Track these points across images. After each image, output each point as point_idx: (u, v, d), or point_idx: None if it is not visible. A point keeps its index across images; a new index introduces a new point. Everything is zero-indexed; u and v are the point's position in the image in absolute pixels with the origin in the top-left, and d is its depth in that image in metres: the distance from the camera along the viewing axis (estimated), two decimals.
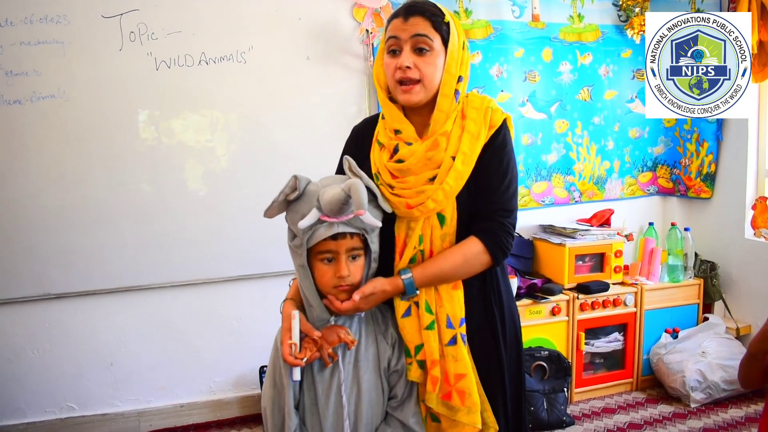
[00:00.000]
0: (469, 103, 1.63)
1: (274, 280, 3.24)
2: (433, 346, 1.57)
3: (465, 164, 1.56)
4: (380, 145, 1.65)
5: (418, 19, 1.54)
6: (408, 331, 1.59)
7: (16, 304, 3.02)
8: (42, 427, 3.11)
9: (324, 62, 3.20)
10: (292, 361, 1.46)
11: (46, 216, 2.97)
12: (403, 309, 1.60)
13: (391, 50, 1.58)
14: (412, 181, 1.57)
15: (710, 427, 3.09)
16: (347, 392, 1.54)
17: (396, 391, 1.61)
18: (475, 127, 1.58)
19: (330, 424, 1.53)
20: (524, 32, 3.51)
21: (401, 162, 1.58)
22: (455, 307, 1.60)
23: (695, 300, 3.60)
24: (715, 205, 3.74)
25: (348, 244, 1.50)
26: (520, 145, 3.57)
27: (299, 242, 1.49)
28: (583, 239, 3.42)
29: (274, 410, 1.53)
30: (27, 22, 2.84)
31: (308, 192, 1.49)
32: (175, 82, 3.04)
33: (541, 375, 3.20)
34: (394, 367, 1.61)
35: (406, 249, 1.61)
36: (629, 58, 3.72)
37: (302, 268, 1.51)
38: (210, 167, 3.14)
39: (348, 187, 1.41)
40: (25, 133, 2.91)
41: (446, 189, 1.55)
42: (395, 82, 1.57)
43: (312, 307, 1.54)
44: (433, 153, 1.56)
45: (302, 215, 1.45)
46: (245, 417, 3.34)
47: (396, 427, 1.59)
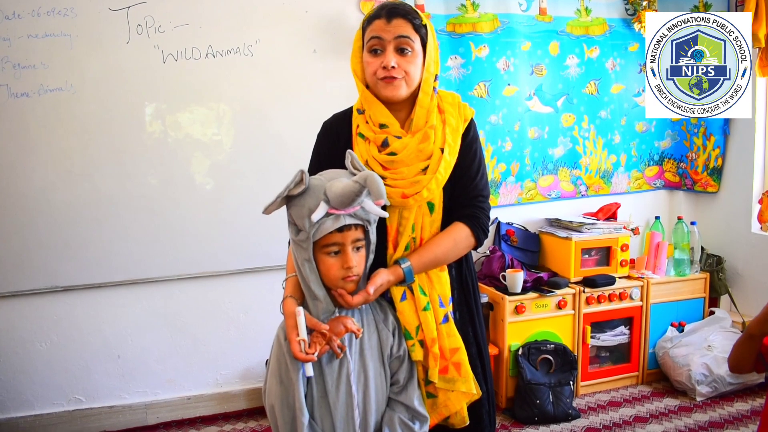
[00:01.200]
0: (442, 99, 1.75)
1: (280, 273, 3.19)
2: (431, 325, 1.67)
3: (451, 155, 1.70)
4: (364, 138, 1.72)
5: (400, 21, 1.64)
6: (407, 313, 1.67)
7: (24, 296, 3.03)
8: (50, 419, 3.13)
9: (331, 55, 3.19)
10: (303, 358, 1.46)
11: (54, 209, 2.97)
12: (399, 294, 1.68)
13: (374, 50, 1.66)
14: (406, 171, 1.66)
15: (716, 420, 3.09)
16: (356, 382, 1.56)
17: (398, 377, 1.66)
18: (454, 121, 1.72)
19: (340, 415, 1.54)
20: (531, 26, 3.50)
21: (393, 154, 1.67)
22: (444, 287, 1.73)
23: (701, 294, 3.60)
24: (721, 199, 3.74)
25: (353, 235, 1.53)
26: (527, 139, 3.57)
27: (305, 236, 1.49)
28: (590, 233, 3.42)
29: (282, 407, 1.52)
30: (34, 14, 2.84)
31: (313, 186, 1.50)
32: (182, 75, 3.04)
33: (547, 368, 3.21)
34: (396, 353, 1.65)
35: (401, 237, 1.70)
36: (636, 52, 3.71)
37: (308, 262, 1.52)
38: (217, 160, 3.14)
39: (364, 179, 1.43)
40: (32, 126, 2.91)
41: (438, 178, 1.67)
42: (378, 78, 1.66)
43: (317, 301, 1.55)
44: (424, 145, 1.67)
45: (309, 209, 1.46)
46: (252, 409, 3.35)
47: (401, 410, 1.62)
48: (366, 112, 1.73)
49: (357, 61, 1.74)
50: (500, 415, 3.23)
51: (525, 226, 3.65)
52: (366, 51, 1.68)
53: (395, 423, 1.60)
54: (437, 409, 1.70)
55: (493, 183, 3.52)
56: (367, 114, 1.72)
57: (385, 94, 1.67)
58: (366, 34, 1.68)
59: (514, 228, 3.58)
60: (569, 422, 3.13)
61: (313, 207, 1.46)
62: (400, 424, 1.60)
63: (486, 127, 3.47)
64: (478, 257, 3.57)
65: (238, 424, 3.23)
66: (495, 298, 3.29)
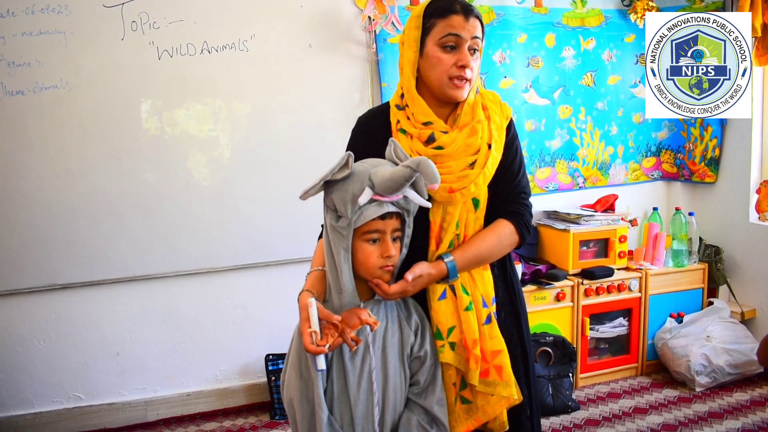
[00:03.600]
0: (484, 97, 1.72)
1: (278, 268, 3.25)
2: (473, 326, 1.63)
3: (498, 151, 1.67)
4: (405, 134, 1.67)
5: (476, 21, 1.61)
6: (443, 313, 1.64)
7: (22, 295, 3.03)
8: (49, 417, 3.13)
9: (326, 50, 3.19)
10: (314, 350, 1.43)
11: (51, 207, 2.97)
12: (438, 293, 1.64)
13: (449, 45, 1.61)
14: (453, 166, 1.62)
15: (715, 410, 3.10)
16: (377, 379, 1.53)
17: (418, 378, 1.61)
18: (498, 118, 1.70)
19: (361, 412, 1.51)
20: (527, 17, 3.50)
21: (440, 148, 1.63)
22: (487, 287, 1.68)
23: (700, 284, 3.60)
24: (719, 190, 3.73)
25: (394, 224, 1.51)
26: (524, 131, 3.56)
27: (346, 223, 1.47)
28: (588, 225, 3.42)
29: (302, 401, 1.50)
30: (28, 12, 2.83)
31: (357, 171, 1.47)
32: (178, 72, 3.03)
33: (546, 360, 3.21)
34: (417, 353, 1.61)
35: (444, 234, 1.65)
36: (632, 43, 3.70)
37: (345, 250, 1.49)
38: (213, 156, 3.14)
39: (416, 163, 1.40)
40: (28, 124, 2.91)
41: (486, 174, 1.64)
42: (448, 77, 1.61)
43: (342, 294, 1.51)
44: (472, 140, 1.64)
45: (353, 194, 1.44)
46: (251, 405, 3.35)
47: (419, 413, 1.58)
48: (409, 108, 1.68)
49: (412, 52, 1.65)
50: None
51: None
52: (438, 46, 1.61)
53: (413, 426, 1.56)
54: (474, 414, 1.65)
55: None
56: (409, 111, 1.68)
57: (454, 95, 1.63)
58: (438, 28, 1.61)
59: None
60: (569, 414, 3.13)
61: (357, 192, 1.44)
62: (417, 426, 1.56)
63: None
64: None
65: (237, 419, 3.24)
66: None
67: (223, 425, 3.18)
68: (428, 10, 1.63)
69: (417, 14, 1.64)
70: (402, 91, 1.69)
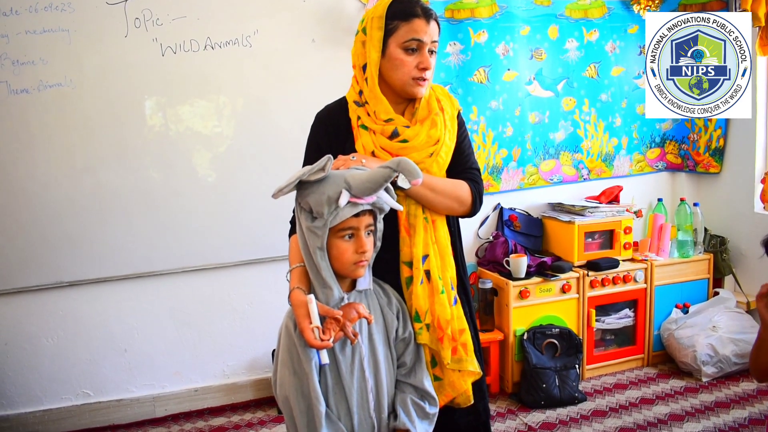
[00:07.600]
0: (436, 91, 1.84)
1: (284, 263, 3.19)
2: (446, 308, 1.74)
3: (451, 140, 1.81)
4: (367, 130, 1.75)
5: (435, 25, 1.72)
6: (421, 296, 1.72)
7: (29, 293, 3.04)
8: (59, 414, 3.14)
9: (329, 45, 3.18)
10: (319, 345, 1.46)
11: (57, 205, 2.98)
12: (418, 278, 1.73)
13: (411, 48, 1.70)
14: (416, 156, 1.71)
15: (722, 400, 3.10)
16: (368, 367, 1.58)
17: (404, 359, 1.69)
18: (450, 109, 1.83)
19: (356, 400, 1.56)
20: (530, 10, 3.49)
21: (405, 142, 1.74)
22: (452, 271, 1.80)
23: (705, 275, 3.60)
24: (724, 180, 3.73)
25: (367, 220, 1.56)
26: (528, 124, 3.56)
27: (322, 223, 1.51)
28: (592, 216, 3.42)
29: (298, 397, 1.52)
30: (32, 10, 2.84)
31: (331, 174, 1.52)
32: (182, 68, 3.03)
33: (552, 352, 3.22)
34: (402, 335, 1.69)
35: (416, 220, 1.74)
36: (636, 34, 3.69)
37: (320, 249, 1.53)
38: (218, 152, 3.14)
39: (396, 163, 1.48)
40: (33, 123, 2.91)
41: (440, 162, 1.78)
42: (411, 78, 1.72)
43: (327, 289, 1.56)
44: (433, 131, 1.76)
45: (328, 197, 1.48)
46: (259, 400, 3.37)
47: (411, 391, 1.66)
48: (369, 106, 1.76)
49: (375, 52, 1.73)
50: (507, 400, 3.25)
51: (527, 211, 3.65)
52: (401, 49, 1.70)
53: (408, 403, 1.63)
54: (444, 390, 1.75)
55: (494, 169, 3.52)
56: (370, 109, 1.76)
57: (415, 92, 1.74)
58: (402, 31, 1.69)
59: (516, 213, 3.58)
60: (576, 405, 3.14)
61: (332, 195, 1.48)
62: (412, 404, 1.63)
63: (486, 113, 3.46)
64: (482, 243, 3.57)
65: (245, 414, 3.25)
66: (499, 283, 3.29)
67: (231, 420, 3.20)
68: (390, 12, 1.71)
69: (379, 15, 1.71)
70: (360, 87, 1.78)
